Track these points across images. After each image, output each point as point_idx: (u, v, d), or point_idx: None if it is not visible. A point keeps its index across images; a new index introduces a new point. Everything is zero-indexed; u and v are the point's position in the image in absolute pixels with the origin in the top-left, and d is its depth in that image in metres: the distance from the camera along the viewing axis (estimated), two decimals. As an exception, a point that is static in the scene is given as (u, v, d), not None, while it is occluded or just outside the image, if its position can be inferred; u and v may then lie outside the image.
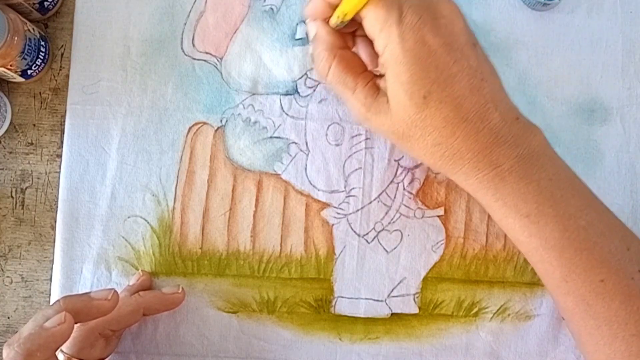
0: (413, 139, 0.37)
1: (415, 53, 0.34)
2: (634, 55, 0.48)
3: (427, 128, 0.36)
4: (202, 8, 0.47)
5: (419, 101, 0.35)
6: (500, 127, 0.36)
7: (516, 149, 0.36)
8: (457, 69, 0.35)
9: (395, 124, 0.37)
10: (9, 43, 0.40)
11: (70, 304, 0.36)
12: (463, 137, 0.36)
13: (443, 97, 0.35)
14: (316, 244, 0.46)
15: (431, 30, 0.34)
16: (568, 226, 0.36)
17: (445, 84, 0.35)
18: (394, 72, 0.35)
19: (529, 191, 0.36)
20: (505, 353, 0.46)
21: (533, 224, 0.37)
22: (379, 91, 0.37)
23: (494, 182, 0.37)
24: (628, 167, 0.47)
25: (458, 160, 0.37)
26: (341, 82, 0.38)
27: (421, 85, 0.35)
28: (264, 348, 0.45)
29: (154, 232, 0.46)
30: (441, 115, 0.35)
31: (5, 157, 0.46)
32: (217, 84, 0.46)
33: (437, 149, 0.37)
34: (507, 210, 0.37)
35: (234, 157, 0.46)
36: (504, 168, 0.36)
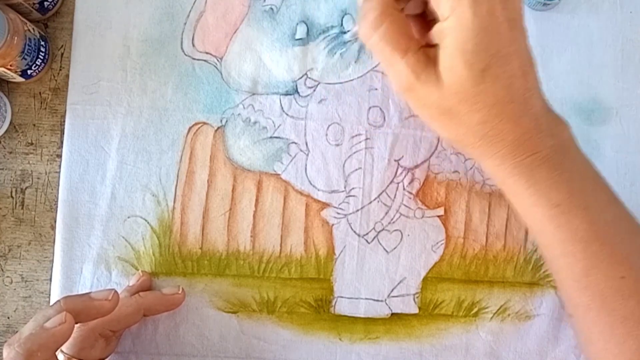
0: (459, 115, 0.36)
1: (484, 22, 0.33)
2: (634, 55, 0.48)
3: (478, 104, 0.35)
4: (202, 8, 0.47)
5: (477, 73, 0.34)
6: (541, 115, 0.36)
7: (552, 138, 0.36)
8: (514, 48, 0.34)
9: (444, 97, 0.35)
10: (9, 43, 0.40)
11: (71, 304, 0.36)
12: (508, 118, 0.35)
13: (499, 74, 0.34)
14: (316, 244, 0.46)
15: (501, 2, 0.33)
16: (596, 219, 0.36)
17: (503, 61, 0.34)
18: (457, 39, 0.34)
19: (562, 180, 0.36)
20: (505, 353, 0.46)
21: (563, 214, 0.36)
22: (429, 61, 0.35)
23: (530, 169, 0.36)
24: (628, 167, 0.47)
25: (499, 142, 0.36)
26: (392, 44, 0.35)
27: (483, 57, 0.34)
28: (264, 348, 0.45)
29: (154, 232, 0.46)
30: (494, 92, 0.34)
31: (5, 157, 0.46)
32: (217, 84, 0.46)
33: (481, 128, 0.36)
34: (538, 199, 0.37)
35: (234, 157, 0.46)
36: (540, 155, 0.36)
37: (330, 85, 0.46)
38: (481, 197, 0.47)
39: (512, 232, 0.47)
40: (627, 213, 0.38)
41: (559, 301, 0.46)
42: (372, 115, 0.47)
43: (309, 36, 0.47)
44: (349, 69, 0.47)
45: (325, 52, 0.46)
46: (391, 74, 0.37)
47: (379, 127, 0.46)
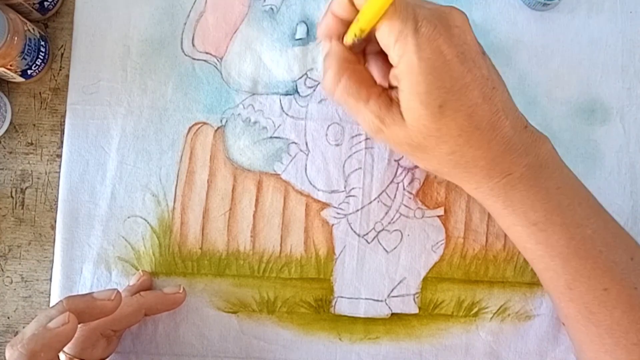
0: (428, 149, 0.37)
1: (431, 63, 0.34)
2: (634, 55, 0.48)
3: (443, 137, 0.36)
4: (202, 8, 0.47)
5: (435, 110, 0.35)
6: (511, 136, 0.36)
7: (526, 157, 0.37)
8: (471, 79, 0.35)
9: (410, 135, 0.37)
10: (9, 43, 0.40)
11: (74, 304, 0.36)
12: (477, 145, 0.36)
13: (458, 106, 0.35)
14: (316, 244, 0.46)
15: (446, 41, 0.34)
16: (575, 234, 0.37)
17: (460, 93, 0.35)
18: (409, 82, 0.35)
19: (537, 199, 0.37)
20: (505, 353, 0.46)
21: (541, 231, 0.37)
22: (392, 102, 0.37)
23: (505, 190, 0.37)
24: (628, 167, 0.47)
25: (472, 169, 0.37)
26: (353, 95, 0.37)
27: (437, 94, 0.35)
28: (264, 348, 0.45)
29: (154, 232, 0.46)
30: (456, 124, 0.35)
31: (5, 157, 0.46)
32: (217, 84, 0.46)
33: (451, 158, 0.37)
34: (516, 218, 0.38)
35: (234, 157, 0.46)
36: (515, 176, 0.37)
37: (330, 85, 0.46)
38: (481, 197, 0.47)
39: (512, 232, 0.47)
40: (609, 223, 0.39)
41: (559, 301, 0.47)
42: (372, 115, 0.46)
43: (309, 36, 0.47)
44: (349, 69, 0.46)
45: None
46: (360, 121, 0.39)
47: (379, 127, 0.46)
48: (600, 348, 0.38)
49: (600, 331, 0.37)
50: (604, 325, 0.37)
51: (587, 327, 0.38)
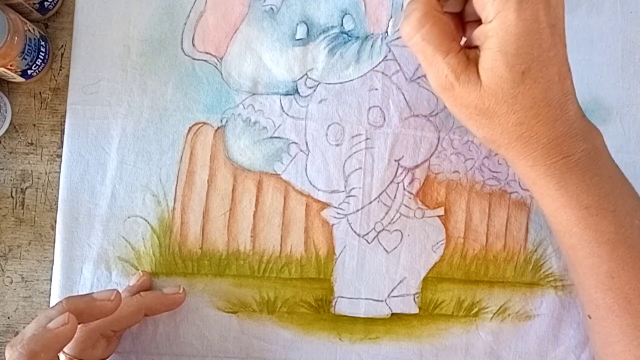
0: (496, 115, 0.37)
1: (527, 25, 0.34)
2: (634, 55, 0.48)
3: (516, 105, 0.36)
4: (202, 8, 0.47)
5: (517, 76, 0.35)
6: (575, 120, 0.37)
7: (584, 143, 0.37)
8: (554, 53, 0.35)
9: (483, 97, 0.36)
10: (9, 43, 0.40)
11: (73, 304, 0.36)
12: (544, 121, 0.36)
13: (538, 77, 0.35)
14: (316, 244, 0.46)
15: (545, 8, 0.34)
16: (624, 223, 0.37)
17: (543, 65, 0.35)
18: (500, 41, 0.34)
19: (592, 184, 0.37)
20: (505, 353, 0.46)
21: (592, 216, 0.38)
22: (470, 61, 0.36)
23: (561, 171, 0.37)
24: (628, 167, 0.47)
25: (533, 144, 0.37)
26: (434, 45, 0.36)
27: (524, 59, 0.34)
28: (264, 348, 0.45)
29: (154, 232, 0.46)
30: (532, 94, 0.35)
31: (5, 157, 0.46)
32: (217, 84, 0.46)
33: (516, 129, 0.37)
34: (568, 200, 0.38)
35: (234, 157, 0.46)
36: (573, 158, 0.37)
37: (331, 85, 0.46)
38: (481, 197, 0.47)
39: (512, 232, 0.47)
40: None
41: (559, 301, 0.46)
42: (372, 115, 0.47)
43: (309, 36, 0.47)
44: (349, 69, 0.47)
45: (326, 52, 0.46)
46: (431, 73, 0.38)
47: (379, 127, 0.46)
48: (633, 340, 0.38)
49: (635, 322, 0.38)
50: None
51: (622, 318, 0.38)
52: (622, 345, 0.39)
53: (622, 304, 0.38)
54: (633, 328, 0.38)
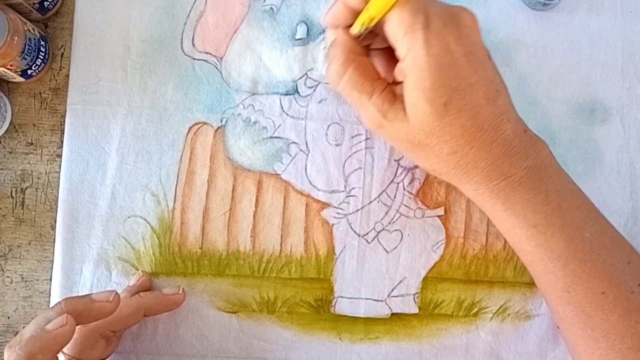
0: (429, 147, 0.37)
1: (439, 60, 0.34)
2: (634, 55, 0.48)
3: (445, 136, 0.36)
4: (202, 8, 0.47)
5: (439, 108, 0.35)
6: (512, 139, 0.36)
7: (526, 160, 0.37)
8: (476, 79, 0.35)
9: (412, 132, 0.37)
10: (9, 43, 0.40)
11: (72, 305, 0.36)
12: (478, 146, 0.36)
13: (462, 106, 0.35)
14: (316, 244, 0.46)
15: (455, 39, 0.35)
16: (573, 237, 0.37)
17: (465, 93, 0.35)
18: (415, 78, 0.35)
19: (537, 201, 0.37)
20: (505, 353, 0.46)
21: (540, 234, 0.37)
22: (396, 98, 0.37)
23: (505, 192, 0.37)
24: (628, 167, 0.47)
25: (472, 169, 0.37)
26: (358, 88, 0.38)
27: (443, 92, 0.35)
28: (264, 348, 0.45)
29: (154, 232, 0.46)
30: (459, 123, 0.35)
31: (5, 157, 0.46)
32: (217, 84, 0.46)
33: (452, 157, 0.37)
34: (516, 220, 0.38)
35: (234, 157, 0.46)
36: (515, 178, 0.37)
37: (331, 85, 0.46)
38: (481, 197, 0.47)
39: (512, 232, 0.47)
40: (606, 228, 0.39)
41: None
42: (372, 115, 0.46)
43: (309, 36, 0.47)
44: (349, 69, 0.46)
45: (326, 52, 0.46)
46: (362, 114, 0.39)
47: (379, 127, 0.46)
48: (595, 351, 0.38)
49: (596, 335, 0.37)
50: (600, 329, 0.37)
51: (583, 331, 0.38)
52: (587, 355, 0.38)
53: (581, 318, 0.38)
54: (594, 340, 0.37)
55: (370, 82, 0.37)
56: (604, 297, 0.37)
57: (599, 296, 0.37)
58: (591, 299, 0.37)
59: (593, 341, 0.37)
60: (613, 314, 0.36)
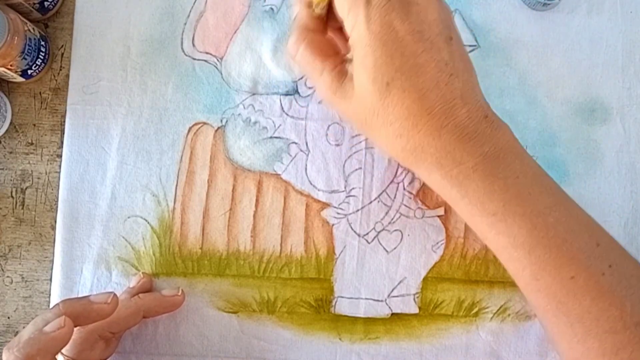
0: (375, 128, 0.36)
1: (380, 37, 0.33)
2: (634, 55, 0.48)
3: (389, 117, 0.35)
4: (202, 8, 0.47)
5: (382, 87, 0.34)
6: (467, 124, 0.35)
7: (482, 146, 0.35)
8: (425, 60, 0.34)
9: (358, 110, 0.36)
10: (9, 43, 0.40)
11: (70, 307, 0.36)
12: (426, 130, 0.35)
13: (407, 86, 0.34)
14: (316, 244, 0.46)
15: (400, 16, 0.33)
16: (536, 223, 0.36)
17: (410, 73, 0.34)
18: (359, 55, 0.34)
19: (494, 189, 0.36)
20: (505, 353, 0.46)
21: (500, 222, 0.36)
22: (347, 76, 0.36)
23: (458, 180, 0.36)
24: (628, 167, 0.47)
25: (420, 154, 0.36)
26: (309, 64, 0.37)
27: (385, 70, 0.34)
28: (264, 348, 0.45)
29: (154, 232, 0.46)
30: (404, 104, 0.34)
31: (5, 157, 0.46)
32: (217, 84, 0.46)
33: (399, 141, 0.36)
34: (473, 209, 0.36)
35: (234, 157, 0.46)
36: (468, 165, 0.35)
37: (331, 85, 0.46)
38: (481, 197, 0.47)
39: (512, 232, 0.47)
40: (573, 211, 0.37)
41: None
42: (372, 115, 0.46)
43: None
44: (349, 69, 0.46)
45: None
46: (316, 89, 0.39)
47: (379, 127, 0.46)
48: (573, 338, 0.36)
49: (571, 320, 0.36)
50: (573, 315, 0.36)
51: (558, 318, 0.37)
52: (566, 343, 0.37)
53: (553, 304, 0.36)
54: (569, 326, 0.36)
55: (321, 59, 0.37)
56: (574, 281, 0.35)
57: (569, 281, 0.36)
58: (561, 285, 0.36)
59: (569, 327, 0.36)
60: (585, 298, 0.35)
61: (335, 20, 0.38)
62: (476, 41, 0.47)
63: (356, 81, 0.35)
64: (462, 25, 0.47)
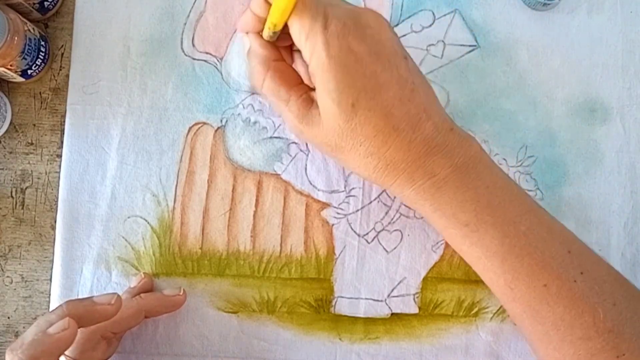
0: (345, 150, 0.36)
1: (340, 60, 0.34)
2: (634, 55, 0.48)
3: (358, 137, 0.35)
4: (202, 8, 0.47)
5: (347, 109, 0.35)
6: (434, 137, 0.36)
7: (451, 158, 0.36)
8: (385, 78, 0.35)
9: (327, 135, 0.36)
10: (9, 43, 0.40)
11: (74, 309, 0.36)
12: (395, 146, 0.35)
13: (372, 105, 0.35)
14: (316, 244, 0.46)
15: (356, 38, 0.34)
16: (508, 232, 0.36)
17: (374, 92, 0.34)
18: (321, 81, 0.35)
19: (466, 199, 0.36)
20: (505, 353, 0.46)
21: (473, 232, 0.37)
22: (313, 103, 0.37)
23: (430, 192, 0.37)
24: (628, 167, 0.47)
25: (392, 171, 0.36)
26: (275, 94, 0.38)
27: (348, 93, 0.34)
28: (264, 348, 0.45)
29: (154, 232, 0.46)
30: (371, 124, 0.35)
31: (5, 157, 0.46)
32: (217, 84, 0.46)
33: (370, 160, 0.36)
34: (447, 221, 0.37)
35: (234, 157, 0.46)
36: (440, 177, 0.36)
37: (331, 85, 0.46)
38: (481, 197, 0.47)
39: (512, 232, 0.47)
40: (543, 219, 0.38)
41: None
42: (372, 115, 0.46)
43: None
44: (349, 69, 0.46)
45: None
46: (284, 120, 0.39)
47: (379, 127, 0.46)
48: (549, 345, 0.37)
49: (546, 328, 0.37)
50: (548, 322, 0.36)
51: (534, 326, 0.37)
52: (543, 350, 0.38)
53: (529, 313, 0.37)
54: (545, 334, 0.37)
55: (287, 89, 0.37)
56: (547, 289, 0.36)
57: (542, 289, 0.36)
58: (535, 293, 0.36)
59: (544, 335, 0.37)
60: (558, 305, 0.36)
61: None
62: (476, 41, 0.47)
63: (321, 107, 0.36)
64: (462, 25, 0.47)
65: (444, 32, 0.47)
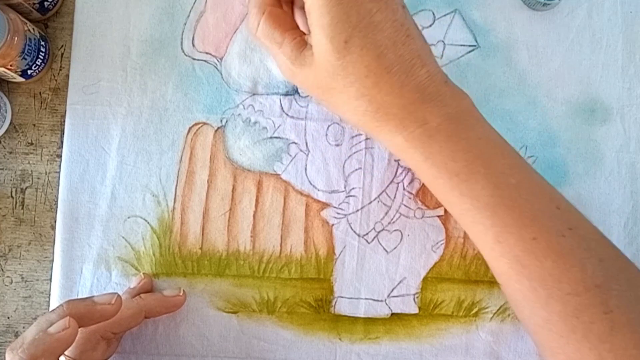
0: (336, 91, 0.36)
1: None
2: (634, 55, 0.48)
3: (350, 77, 0.35)
4: (202, 8, 0.47)
5: (340, 46, 0.34)
6: (427, 85, 0.35)
7: (444, 107, 0.35)
8: (381, 18, 0.34)
9: (318, 75, 0.36)
10: (9, 43, 0.40)
11: (74, 308, 0.36)
12: (387, 89, 0.35)
13: (365, 44, 0.34)
14: (316, 244, 0.46)
15: None
16: (499, 184, 0.36)
17: (367, 31, 0.34)
18: (316, 15, 0.34)
19: (458, 149, 0.36)
20: (505, 353, 0.46)
21: (463, 182, 0.36)
22: (306, 46, 0.37)
23: (422, 140, 0.36)
24: (628, 167, 0.47)
25: (383, 116, 0.36)
26: (269, 37, 0.37)
27: (342, 29, 0.34)
28: (264, 348, 0.45)
29: (154, 232, 0.46)
30: (363, 63, 0.34)
31: (5, 157, 0.46)
32: (217, 84, 0.46)
33: (360, 103, 0.36)
34: (436, 170, 0.36)
35: (234, 157, 0.46)
36: (432, 125, 0.35)
37: (330, 85, 0.46)
38: (481, 197, 0.47)
39: (512, 232, 0.47)
40: (533, 175, 0.38)
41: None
42: (372, 115, 0.46)
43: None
44: (349, 69, 0.46)
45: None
46: (277, 64, 0.39)
47: (379, 127, 0.46)
48: (536, 303, 0.36)
49: (533, 284, 0.36)
50: (536, 278, 0.36)
51: (521, 283, 0.36)
52: (529, 309, 0.37)
53: (516, 269, 0.36)
54: (532, 290, 0.36)
55: (281, 32, 0.37)
56: (536, 242, 0.35)
57: (531, 242, 0.35)
58: (523, 247, 0.36)
59: (532, 292, 0.36)
60: (547, 259, 0.35)
61: None
62: (476, 41, 0.47)
63: (314, 44, 0.35)
64: (462, 26, 0.47)
65: (444, 32, 0.47)
